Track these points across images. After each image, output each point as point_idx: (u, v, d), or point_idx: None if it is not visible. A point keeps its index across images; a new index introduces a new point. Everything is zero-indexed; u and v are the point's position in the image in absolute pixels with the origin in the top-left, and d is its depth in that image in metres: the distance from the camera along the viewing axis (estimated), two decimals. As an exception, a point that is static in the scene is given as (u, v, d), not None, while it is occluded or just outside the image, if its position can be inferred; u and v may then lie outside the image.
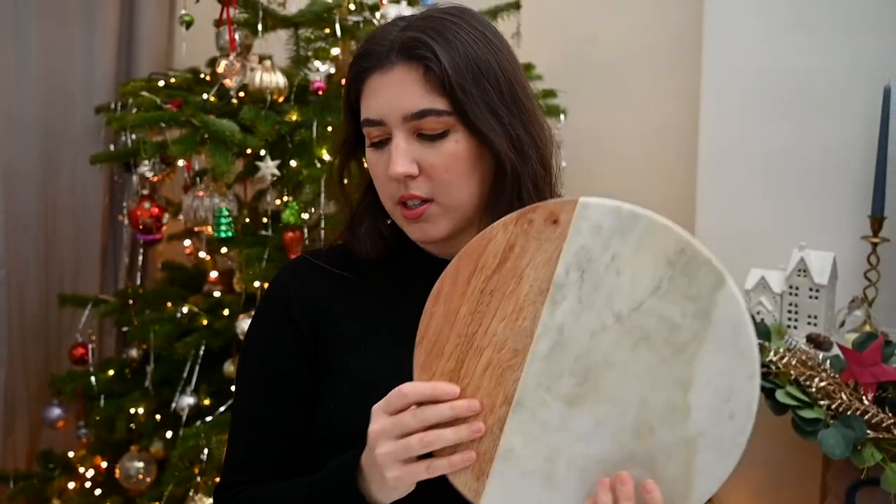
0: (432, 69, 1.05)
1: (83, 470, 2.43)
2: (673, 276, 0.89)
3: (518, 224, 0.93)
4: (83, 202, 2.71)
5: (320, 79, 2.25)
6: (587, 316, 0.91)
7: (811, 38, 2.15)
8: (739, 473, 2.44)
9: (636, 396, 0.90)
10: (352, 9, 2.32)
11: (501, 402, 0.92)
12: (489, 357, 0.93)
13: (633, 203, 0.90)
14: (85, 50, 2.70)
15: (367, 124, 1.09)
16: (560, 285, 0.91)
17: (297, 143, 2.17)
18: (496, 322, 0.93)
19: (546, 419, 0.91)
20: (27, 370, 2.63)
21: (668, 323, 0.89)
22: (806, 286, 2.04)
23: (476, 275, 0.94)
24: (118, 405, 2.30)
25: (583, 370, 0.91)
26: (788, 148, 2.20)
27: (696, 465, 0.89)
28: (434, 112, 1.06)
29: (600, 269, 0.90)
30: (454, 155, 1.07)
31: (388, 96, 1.06)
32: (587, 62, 2.79)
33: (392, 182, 1.08)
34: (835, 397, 1.81)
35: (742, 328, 0.88)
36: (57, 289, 2.63)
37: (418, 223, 1.10)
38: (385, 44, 1.08)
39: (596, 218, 0.91)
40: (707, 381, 0.89)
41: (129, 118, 2.13)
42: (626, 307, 0.90)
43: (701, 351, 0.88)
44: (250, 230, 2.32)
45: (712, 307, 0.88)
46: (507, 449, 0.92)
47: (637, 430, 0.90)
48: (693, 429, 0.89)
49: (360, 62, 1.10)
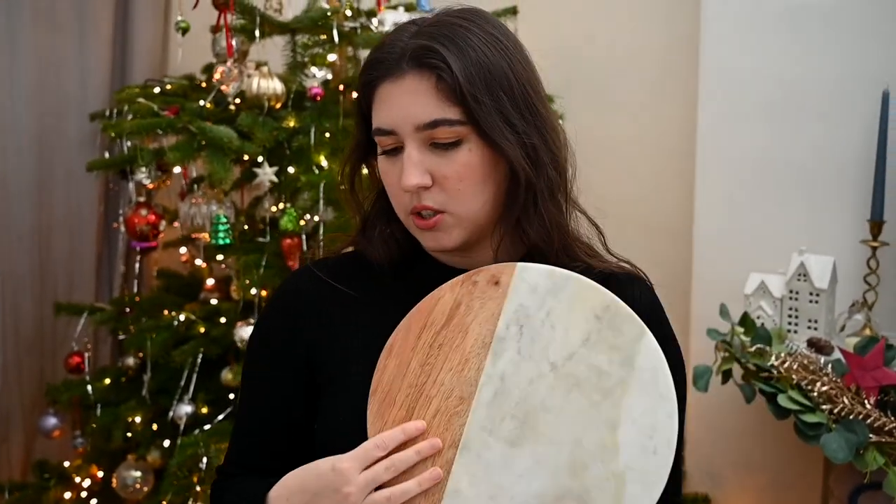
0: (444, 78, 1.03)
1: (79, 480, 2.41)
2: (601, 328, 1.01)
3: (464, 285, 1.04)
4: (78, 211, 2.69)
5: (317, 85, 2.25)
6: (526, 365, 1.01)
7: (809, 43, 2.16)
8: (739, 478, 2.45)
9: (571, 436, 0.99)
10: (348, 15, 2.32)
11: (449, 446, 1.00)
12: (438, 405, 1.01)
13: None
14: (78, 58, 2.68)
15: (378, 133, 1.07)
16: (501, 338, 1.01)
17: (294, 149, 2.16)
18: (444, 373, 1.02)
19: (490, 460, 0.99)
20: (22, 380, 2.61)
21: (597, 370, 0.99)
22: (806, 290, 2.04)
23: (426, 330, 1.04)
24: (115, 414, 2.28)
25: (522, 414, 1.00)
26: (787, 153, 2.20)
27: (625, 496, 0.97)
28: (447, 122, 1.03)
29: (537, 323, 1.01)
30: (467, 165, 1.05)
31: (400, 106, 1.04)
32: (585, 67, 2.79)
33: (405, 193, 1.07)
34: (837, 401, 1.81)
35: (661, 373, 0.99)
36: (52, 297, 2.61)
37: (432, 232, 1.08)
38: (395, 51, 1.06)
39: (532, 279, 1.03)
40: (633, 420, 0.98)
41: (126, 125, 2.12)
42: (560, 357, 1.00)
43: (626, 394, 0.99)
44: (248, 237, 2.31)
45: (635, 355, 1.00)
46: (455, 490, 0.99)
47: (572, 467, 0.98)
48: (622, 464, 0.97)
49: (371, 70, 1.08)
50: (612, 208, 2.88)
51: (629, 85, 2.75)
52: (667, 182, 2.68)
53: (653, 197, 2.74)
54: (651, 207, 2.73)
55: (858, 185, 2.10)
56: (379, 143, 1.09)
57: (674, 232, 2.60)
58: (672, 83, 2.64)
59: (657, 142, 2.72)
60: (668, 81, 2.66)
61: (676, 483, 1.22)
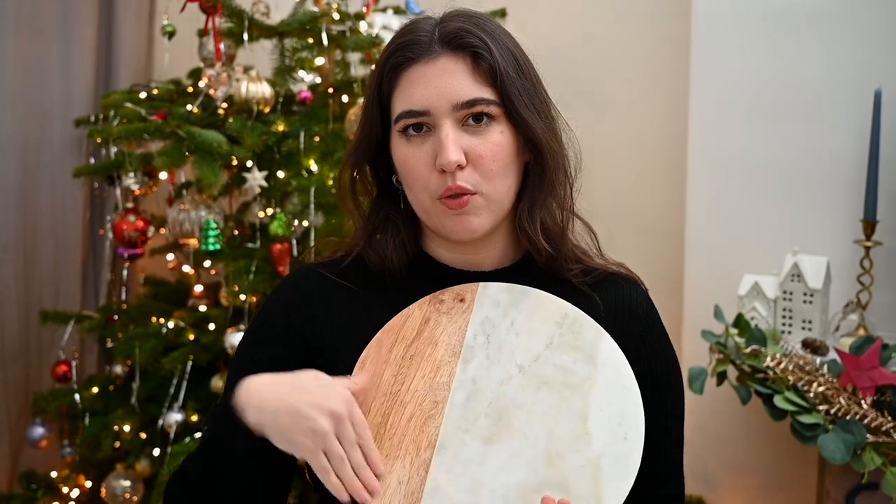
0: (482, 58, 1.06)
1: (67, 490, 2.38)
2: (562, 333, 1.10)
3: (431, 303, 1.13)
4: (62, 217, 2.65)
5: (306, 89, 2.23)
6: (495, 369, 1.08)
7: (800, 43, 2.16)
8: (733, 479, 2.44)
9: (544, 429, 1.04)
10: (336, 18, 2.30)
11: (426, 447, 1.04)
12: (412, 410, 1.07)
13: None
14: (63, 64, 2.64)
15: (407, 116, 1.07)
16: (470, 347, 1.10)
17: (284, 153, 2.14)
18: (417, 380, 1.08)
19: (467, 457, 1.04)
20: (7, 389, 2.56)
21: (563, 368, 1.07)
22: (800, 291, 2.04)
23: (397, 344, 1.11)
24: (103, 423, 2.25)
25: (495, 413, 1.06)
26: (779, 154, 2.20)
27: (602, 480, 1.01)
28: (483, 101, 1.06)
29: (502, 332, 1.10)
30: (500, 145, 1.08)
31: (436, 85, 1.06)
32: (574, 68, 2.77)
33: (435, 175, 1.07)
34: (833, 402, 1.80)
35: (623, 367, 1.08)
36: (37, 306, 2.56)
37: (462, 215, 1.08)
38: (424, 35, 1.08)
39: (494, 295, 1.13)
40: (601, 409, 1.05)
41: (113, 130, 2.09)
42: (526, 360, 1.08)
43: (593, 388, 1.06)
44: (236, 243, 2.28)
45: (597, 353, 1.08)
46: (434, 487, 1.02)
47: (548, 457, 1.03)
48: (596, 450, 1.03)
49: (400, 53, 1.08)
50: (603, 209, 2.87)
51: (619, 86, 2.75)
52: (658, 183, 2.67)
53: (644, 198, 2.73)
54: (642, 209, 2.73)
55: (851, 184, 2.10)
56: (404, 129, 1.08)
57: (665, 233, 2.59)
58: (662, 84, 2.64)
59: (648, 143, 2.71)
60: (659, 82, 2.66)
61: (680, 484, 1.22)
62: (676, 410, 1.20)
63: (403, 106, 1.08)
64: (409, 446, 1.04)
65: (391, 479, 1.03)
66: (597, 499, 1.00)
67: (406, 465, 1.03)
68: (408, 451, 1.04)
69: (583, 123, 2.74)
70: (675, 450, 1.20)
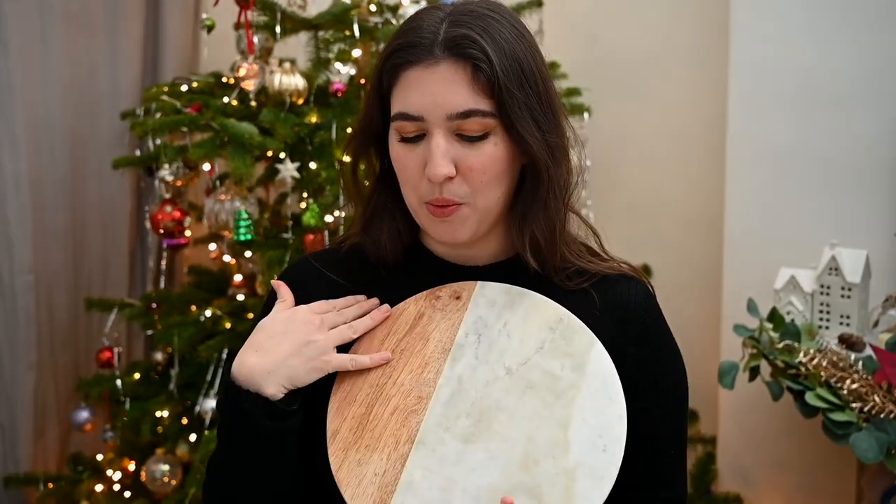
0: (481, 69, 1.02)
1: (111, 473, 2.44)
2: (554, 338, 1.08)
3: (427, 299, 1.13)
4: (110, 208, 2.73)
5: (341, 81, 2.24)
6: (483, 369, 1.07)
7: (838, 33, 2.11)
8: (772, 477, 2.39)
9: (524, 434, 1.03)
10: (372, 10, 2.30)
11: (405, 441, 1.04)
12: (396, 403, 1.07)
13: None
14: (110, 58, 2.71)
15: (402, 118, 1.05)
16: (460, 345, 1.09)
17: (316, 144, 2.16)
18: (405, 374, 1.09)
19: (444, 454, 1.03)
20: (56, 375, 2.65)
21: (550, 374, 1.06)
22: (838, 285, 1.99)
23: (389, 337, 1.11)
24: (143, 408, 2.31)
25: (477, 413, 1.05)
26: (819, 144, 2.15)
27: (575, 491, 1.00)
28: (479, 113, 1.03)
29: (494, 333, 1.09)
30: (492, 157, 1.05)
31: (432, 93, 1.02)
32: (611, 60, 2.75)
33: (425, 180, 1.05)
34: (867, 399, 1.76)
35: (611, 378, 1.06)
36: (85, 294, 2.64)
37: (447, 223, 1.07)
38: (427, 37, 1.03)
39: (491, 295, 1.12)
40: (583, 419, 1.03)
41: (150, 122, 2.14)
42: (515, 362, 1.07)
43: (578, 396, 1.04)
44: (272, 234, 2.31)
45: (586, 362, 1.06)
46: (408, 481, 1.02)
47: (524, 462, 1.02)
48: (573, 460, 1.01)
49: (401, 54, 1.05)
50: (644, 202, 2.87)
51: (659, 79, 2.71)
52: (697, 177, 2.63)
53: (683, 192, 2.69)
54: (682, 202, 2.69)
55: (892, 176, 2.03)
56: (398, 129, 1.06)
57: (705, 226, 2.55)
58: (702, 76, 2.59)
59: (686, 135, 2.67)
60: (699, 75, 2.61)
61: (681, 487, 1.20)
62: (677, 411, 1.17)
63: (400, 107, 1.05)
64: (389, 439, 1.05)
65: (368, 469, 1.03)
66: None
67: (384, 457, 1.04)
68: (387, 443, 1.04)
69: (621, 117, 2.74)
70: (675, 451, 1.17)
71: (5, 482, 2.48)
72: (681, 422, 1.19)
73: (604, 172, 2.70)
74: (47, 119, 2.55)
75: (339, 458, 1.05)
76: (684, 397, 1.19)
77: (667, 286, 2.77)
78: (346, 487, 1.03)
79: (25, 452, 2.53)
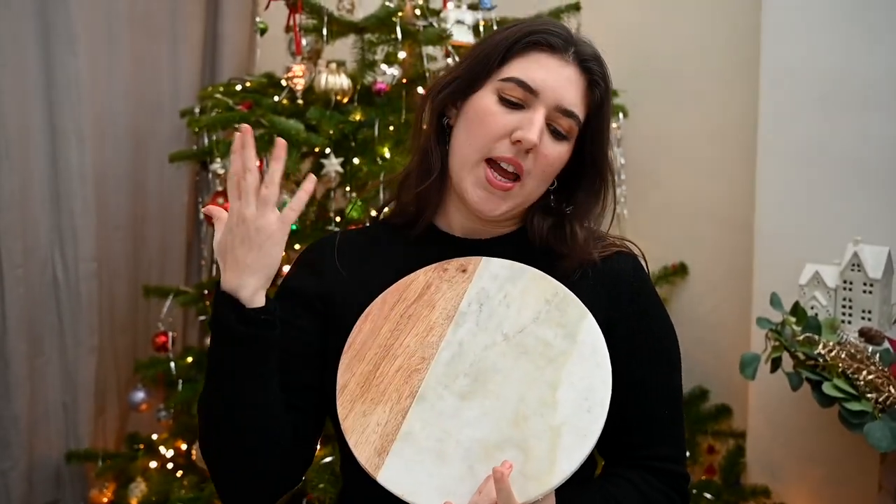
0: (596, 88, 1.21)
1: (164, 451, 2.58)
2: (549, 309, 1.18)
3: (435, 270, 1.23)
4: (169, 201, 2.89)
5: (385, 81, 2.35)
6: (482, 335, 1.17)
7: (869, 34, 2.14)
8: (799, 470, 2.43)
9: (515, 393, 1.13)
10: (416, 14, 2.41)
11: (407, 396, 1.15)
12: (401, 363, 1.17)
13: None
14: (172, 60, 2.87)
15: (520, 84, 1.18)
16: (463, 313, 1.19)
17: (360, 141, 2.27)
18: (410, 337, 1.19)
19: (442, 409, 1.13)
20: (117, 357, 2.81)
21: (544, 341, 1.16)
22: (860, 281, 2.03)
23: (399, 303, 1.22)
24: (196, 390, 2.43)
25: (475, 373, 1.15)
26: (846, 143, 2.19)
27: (560, 446, 1.09)
28: (576, 118, 1.20)
29: (495, 303, 1.19)
30: (560, 157, 1.21)
31: (556, 80, 1.19)
32: (647, 61, 2.81)
33: (505, 141, 1.18)
34: (883, 390, 1.80)
35: (599, 347, 1.15)
36: (144, 282, 2.80)
37: (495, 194, 1.20)
38: (563, 36, 1.21)
39: (495, 269, 1.22)
40: (571, 383, 1.12)
41: (204, 119, 2.28)
42: (512, 330, 1.17)
43: (568, 362, 1.14)
44: (318, 226, 2.43)
45: (578, 331, 1.16)
46: (407, 432, 1.12)
47: (515, 419, 1.11)
48: (559, 419, 1.10)
49: (544, 37, 1.20)
50: (678, 199, 2.92)
51: (692, 81, 2.77)
52: (729, 176, 2.68)
53: (716, 191, 2.74)
54: (715, 201, 2.74)
55: (916, 174, 2.07)
56: (505, 91, 1.19)
57: (737, 223, 2.60)
58: (734, 76, 2.64)
59: (718, 134, 2.72)
60: (731, 75, 2.67)
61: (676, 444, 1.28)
62: (668, 373, 1.26)
63: (522, 75, 1.19)
64: (392, 394, 1.15)
65: (371, 419, 1.14)
66: (550, 462, 1.08)
67: (386, 409, 1.14)
68: (390, 397, 1.14)
69: (656, 116, 2.79)
70: (669, 411, 1.25)
71: (67, 457, 2.63)
72: (672, 382, 1.27)
73: (639, 172, 2.77)
74: (111, 116, 2.72)
75: (346, 409, 1.16)
76: (676, 359, 1.28)
77: (701, 284, 2.84)
78: (350, 434, 1.13)
79: (86, 430, 2.69)
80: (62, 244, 2.58)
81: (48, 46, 2.50)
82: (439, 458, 1.10)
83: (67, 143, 2.55)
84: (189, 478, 2.50)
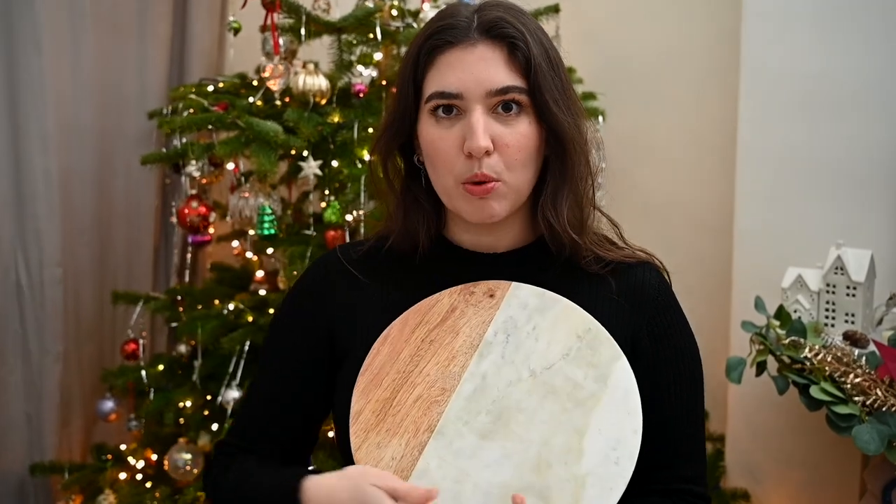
0: (518, 49, 1.10)
1: (134, 461, 2.51)
2: (580, 347, 1.11)
3: (461, 293, 1.16)
4: (136, 205, 2.81)
5: (363, 82, 2.31)
6: (507, 369, 1.11)
7: (848, 39, 2.15)
8: (779, 473, 2.43)
9: (540, 437, 1.06)
10: (394, 14, 2.38)
11: (425, 430, 1.09)
12: (420, 392, 1.11)
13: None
14: (139, 59, 2.79)
15: (440, 97, 1.11)
16: (489, 343, 1.12)
17: (338, 143, 2.23)
18: (431, 365, 1.12)
19: (460, 448, 1.07)
20: (82, 366, 2.72)
21: (573, 382, 1.09)
22: (843, 284, 2.04)
23: (421, 326, 1.15)
24: (167, 399, 2.37)
25: (497, 411, 1.08)
26: (827, 147, 2.19)
27: (583, 498, 1.03)
28: (516, 89, 1.10)
29: (522, 335, 1.12)
30: (526, 136, 1.11)
31: (471, 71, 1.10)
32: (626, 65, 2.81)
33: (462, 159, 1.10)
34: (870, 393, 1.80)
35: (632, 393, 1.08)
36: (111, 288, 2.71)
37: (483, 200, 1.12)
38: (463, 21, 1.12)
39: (524, 297, 1.15)
40: (599, 430, 1.06)
41: (178, 121, 2.21)
42: (539, 366, 1.10)
43: (597, 407, 1.07)
44: (294, 230, 2.38)
45: (610, 374, 1.09)
46: (423, 469, 1.06)
47: (537, 464, 1.05)
48: (584, 468, 1.04)
49: (439, 36, 1.12)
50: (656, 202, 2.92)
51: (671, 82, 2.77)
52: (708, 179, 2.68)
53: (695, 194, 2.74)
54: (693, 204, 2.74)
55: (897, 178, 2.09)
56: (434, 109, 1.12)
57: (715, 227, 2.60)
58: (713, 80, 2.65)
59: (698, 138, 2.73)
60: (710, 78, 2.67)
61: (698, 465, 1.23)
62: (692, 390, 1.22)
63: (437, 87, 1.11)
64: (409, 426, 1.09)
65: (385, 453, 1.07)
66: None
67: (402, 443, 1.08)
68: (407, 429, 1.08)
69: (634, 120, 2.79)
70: (693, 428, 1.22)
71: (31, 470, 2.53)
72: (696, 400, 1.23)
73: (618, 175, 2.76)
74: (76, 118, 2.63)
75: (359, 439, 1.09)
76: (699, 376, 1.24)
77: (678, 286, 2.82)
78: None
79: (51, 441, 2.59)
80: (25, 249, 2.49)
81: (10, 44, 2.40)
82: (455, 499, 1.05)
83: (30, 143, 2.45)
84: (161, 489, 2.43)
